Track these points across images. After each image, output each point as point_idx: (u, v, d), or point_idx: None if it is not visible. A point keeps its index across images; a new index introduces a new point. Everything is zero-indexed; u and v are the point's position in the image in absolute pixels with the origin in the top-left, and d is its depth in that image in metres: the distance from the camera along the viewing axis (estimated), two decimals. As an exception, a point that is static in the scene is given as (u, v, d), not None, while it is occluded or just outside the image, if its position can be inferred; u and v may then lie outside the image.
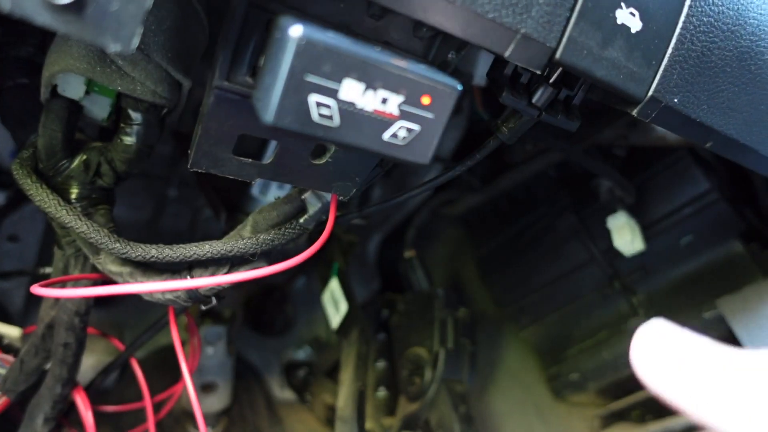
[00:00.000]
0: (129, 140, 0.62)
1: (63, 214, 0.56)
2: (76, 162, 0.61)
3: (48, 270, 0.92)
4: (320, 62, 0.33)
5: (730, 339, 0.95)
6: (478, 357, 1.12)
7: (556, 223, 1.20)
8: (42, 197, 0.57)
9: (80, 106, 0.61)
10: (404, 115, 0.37)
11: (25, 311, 0.95)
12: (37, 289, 0.51)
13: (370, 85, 0.35)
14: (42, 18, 0.29)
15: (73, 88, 0.58)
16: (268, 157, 0.49)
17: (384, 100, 0.36)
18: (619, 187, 1.05)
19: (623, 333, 1.15)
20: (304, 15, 0.40)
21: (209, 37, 0.62)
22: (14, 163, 0.59)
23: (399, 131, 0.37)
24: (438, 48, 0.45)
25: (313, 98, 0.34)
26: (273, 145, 0.55)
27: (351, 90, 0.34)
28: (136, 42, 0.32)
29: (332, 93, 0.34)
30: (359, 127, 0.36)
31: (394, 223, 1.37)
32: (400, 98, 0.36)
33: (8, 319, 0.83)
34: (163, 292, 0.58)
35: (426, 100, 0.37)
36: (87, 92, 0.60)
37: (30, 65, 0.68)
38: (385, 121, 0.36)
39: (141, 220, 1.21)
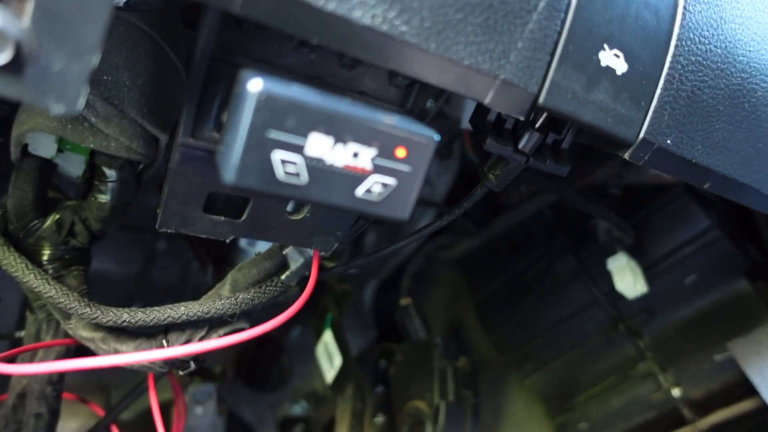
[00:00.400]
0: (103, 198, 0.59)
1: (31, 278, 0.53)
2: (48, 222, 0.58)
3: (22, 334, 0.88)
4: (283, 117, 0.31)
5: (744, 382, 0.91)
6: (480, 408, 1.07)
7: (555, 265, 1.17)
8: (9, 261, 0.54)
9: (53, 165, 0.59)
10: (378, 169, 0.34)
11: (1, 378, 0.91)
12: (3, 367, 0.48)
13: (340, 139, 0.33)
14: (-21, 80, 0.27)
15: (44, 146, 0.57)
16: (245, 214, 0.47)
17: (355, 154, 0.33)
18: (616, 227, 1.03)
19: (632, 378, 1.10)
20: (273, 68, 0.39)
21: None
22: (-18, 226, 0.57)
23: (373, 186, 0.35)
24: (416, 96, 0.43)
25: (277, 155, 0.31)
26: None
27: (318, 145, 0.32)
28: (82, 102, 0.30)
29: (298, 149, 0.32)
30: (330, 184, 0.33)
31: (389, 269, 1.34)
32: (372, 151, 0.34)
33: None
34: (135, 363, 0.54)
35: (401, 153, 0.35)
36: (60, 150, 0.58)
37: (5, 124, 0.67)
38: (358, 177, 0.34)
39: (130, 274, 1.18)
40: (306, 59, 0.40)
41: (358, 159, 0.33)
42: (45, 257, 0.58)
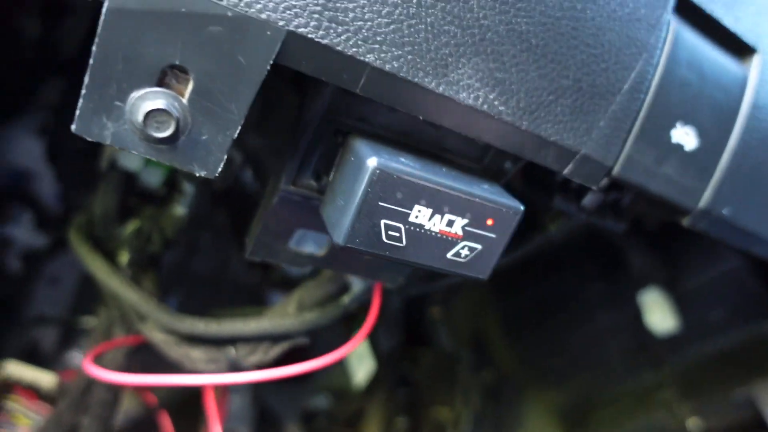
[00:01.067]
0: (181, 210, 0.64)
1: (115, 283, 0.58)
2: (129, 229, 0.62)
3: (85, 321, 0.94)
4: (393, 191, 0.34)
5: (760, 423, 0.94)
6: (501, 419, 1.11)
7: (584, 289, 1.20)
8: (95, 266, 0.58)
9: (135, 176, 0.63)
10: (467, 236, 0.38)
11: (57, 355, 0.97)
12: (95, 371, 0.53)
13: (438, 210, 0.36)
14: (139, 149, 0.31)
15: (131, 160, 0.61)
16: (321, 249, 0.50)
17: (450, 223, 0.37)
18: (648, 263, 1.05)
19: (649, 405, 1.13)
20: (370, 125, 0.42)
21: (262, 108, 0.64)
22: (72, 229, 0.61)
23: (462, 250, 0.38)
24: (494, 155, 0.46)
25: (383, 222, 0.35)
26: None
27: (420, 214, 0.36)
28: (219, 168, 0.33)
29: (402, 217, 0.35)
30: (425, 247, 0.37)
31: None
32: (465, 221, 0.37)
33: (39, 362, 0.84)
34: (206, 364, 0.58)
35: (490, 222, 0.38)
36: (144, 164, 0.62)
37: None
38: (450, 241, 0.37)
39: (171, 264, 1.23)
40: (399, 118, 0.43)
41: (452, 227, 0.37)
42: (124, 261, 0.63)
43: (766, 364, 0.95)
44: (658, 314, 1.01)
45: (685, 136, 0.45)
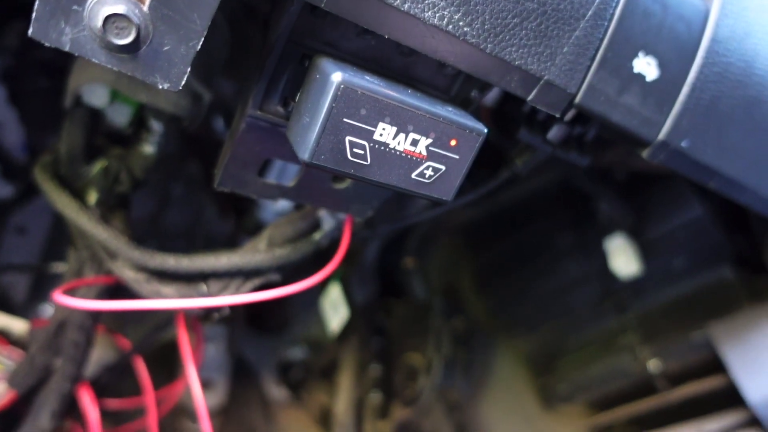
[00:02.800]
0: (149, 149, 0.63)
1: (84, 220, 0.57)
2: (96, 168, 0.62)
3: (55, 267, 0.93)
4: (357, 107, 0.35)
5: (715, 361, 0.99)
6: (471, 365, 1.14)
7: (554, 239, 1.23)
8: (63, 203, 0.58)
9: (101, 114, 0.62)
10: (431, 156, 0.38)
11: (28, 304, 0.96)
12: (62, 298, 0.53)
13: (402, 129, 0.37)
14: (99, 57, 0.31)
15: (97, 96, 0.60)
16: (290, 179, 0.51)
17: (414, 142, 0.37)
18: (616, 210, 1.08)
19: (613, 349, 1.18)
20: (338, 51, 0.42)
21: (232, 50, 0.63)
22: (37, 168, 0.60)
23: (426, 170, 0.39)
24: (461, 85, 0.47)
25: (349, 139, 0.35)
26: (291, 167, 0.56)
27: (384, 132, 0.36)
28: (183, 80, 0.33)
29: (367, 135, 0.36)
30: (389, 166, 0.38)
31: (395, 230, 1.39)
32: (429, 140, 0.38)
33: (11, 311, 0.84)
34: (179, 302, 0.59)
35: (453, 142, 0.39)
36: (110, 101, 0.61)
37: (52, 68, 0.69)
38: (414, 161, 0.38)
39: (144, 216, 1.22)
40: (367, 44, 0.43)
41: (417, 146, 0.38)
42: (92, 201, 0.62)
43: (722, 307, 0.99)
44: (623, 259, 1.05)
45: (646, 66, 0.46)
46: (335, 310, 1.17)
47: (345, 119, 0.35)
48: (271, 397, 1.28)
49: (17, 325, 0.82)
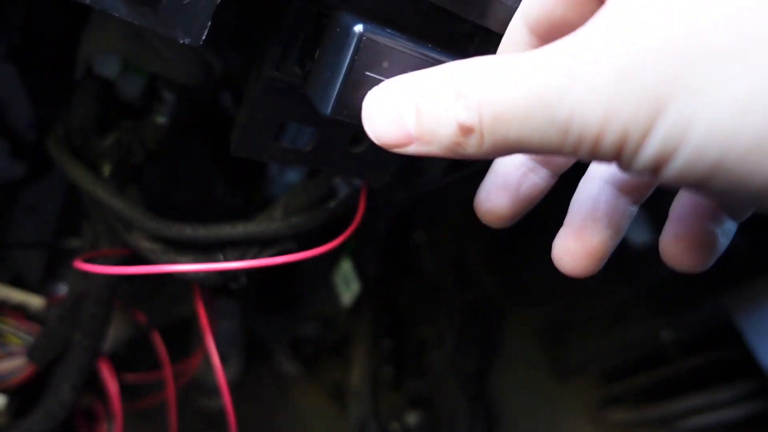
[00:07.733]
0: (161, 120, 0.63)
1: (99, 190, 0.57)
2: (109, 140, 0.61)
3: (70, 243, 0.93)
4: (380, 60, 0.34)
5: (729, 329, 0.99)
6: (483, 337, 1.15)
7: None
8: (79, 174, 0.58)
9: (112, 85, 0.62)
10: (453, 112, 0.38)
11: (43, 282, 0.96)
12: (81, 264, 0.53)
13: (425, 83, 0.36)
14: (119, 11, 0.30)
15: (108, 67, 0.59)
16: (306, 144, 0.50)
17: (436, 97, 0.37)
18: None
19: (624, 320, 1.18)
20: (355, 8, 0.41)
21: (243, 21, 0.62)
22: (50, 140, 0.60)
23: (448, 127, 0.38)
24: (477, 46, 0.46)
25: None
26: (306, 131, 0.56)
27: (406, 87, 0.36)
28: (204, 35, 0.33)
29: (388, 89, 0.35)
30: (411, 123, 0.37)
31: (409, 200, 1.39)
32: (451, 95, 0.37)
33: (27, 289, 0.84)
34: (196, 272, 0.59)
35: (475, 98, 0.38)
36: (121, 72, 0.61)
37: (59, 43, 0.69)
38: (436, 118, 0.38)
39: (153, 194, 1.22)
40: (384, 3, 0.42)
41: (439, 102, 0.37)
42: (106, 173, 0.62)
43: (737, 275, 0.99)
44: (634, 227, 1.04)
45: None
46: (347, 285, 1.18)
47: (367, 72, 0.34)
48: (284, 372, 1.29)
49: (34, 301, 0.82)
